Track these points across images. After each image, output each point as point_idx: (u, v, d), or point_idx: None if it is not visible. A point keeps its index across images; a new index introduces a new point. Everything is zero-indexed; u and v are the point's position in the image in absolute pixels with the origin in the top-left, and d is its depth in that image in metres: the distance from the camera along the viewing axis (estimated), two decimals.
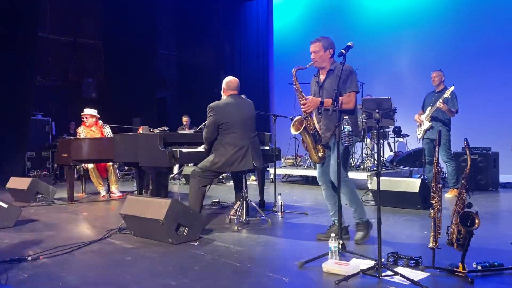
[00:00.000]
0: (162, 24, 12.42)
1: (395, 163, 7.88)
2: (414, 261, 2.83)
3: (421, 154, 6.61)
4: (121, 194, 6.57)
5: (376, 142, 6.76)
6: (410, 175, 7.44)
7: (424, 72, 7.42)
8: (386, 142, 8.18)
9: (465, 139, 2.87)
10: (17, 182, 6.28)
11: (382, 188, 3.18)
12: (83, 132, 6.68)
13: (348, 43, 3.27)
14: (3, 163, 8.56)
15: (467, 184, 2.75)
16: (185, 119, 9.61)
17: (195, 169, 4.30)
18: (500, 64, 8.19)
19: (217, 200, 5.71)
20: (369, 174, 6.65)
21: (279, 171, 8.20)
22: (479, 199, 5.81)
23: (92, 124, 6.77)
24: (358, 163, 7.69)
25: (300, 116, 3.54)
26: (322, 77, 3.67)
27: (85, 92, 11.11)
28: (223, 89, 4.45)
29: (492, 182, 6.69)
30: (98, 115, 6.89)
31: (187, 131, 7.59)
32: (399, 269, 2.72)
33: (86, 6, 11.49)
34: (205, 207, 5.36)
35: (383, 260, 2.73)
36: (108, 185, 6.70)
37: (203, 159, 4.34)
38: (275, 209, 5.01)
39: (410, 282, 2.53)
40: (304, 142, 3.62)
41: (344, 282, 2.57)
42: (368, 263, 2.80)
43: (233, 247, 3.52)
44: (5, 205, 4.41)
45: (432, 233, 2.80)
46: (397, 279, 2.60)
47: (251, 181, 8.17)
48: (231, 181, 5.46)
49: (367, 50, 9.18)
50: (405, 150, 8.87)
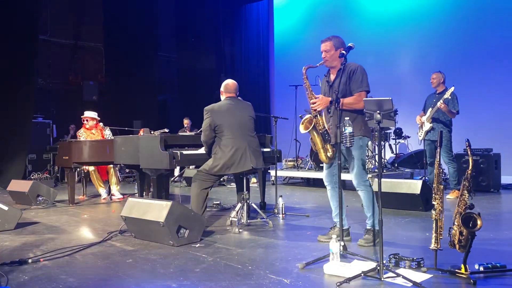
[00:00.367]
0: (163, 27, 12.44)
1: (396, 165, 7.87)
2: (416, 262, 2.82)
3: (422, 156, 6.60)
4: (122, 197, 6.57)
5: (377, 143, 6.75)
6: (411, 176, 7.44)
7: (425, 73, 7.42)
8: (387, 144, 8.18)
9: (467, 140, 2.86)
10: (18, 185, 6.29)
11: (383, 189, 3.16)
12: (84, 135, 6.69)
13: (349, 44, 3.29)
14: (4, 166, 8.57)
15: (469, 185, 2.74)
16: (186, 122, 9.60)
17: (196, 173, 4.31)
18: (501, 66, 8.20)
19: (218, 202, 5.71)
20: (370, 175, 6.62)
21: (280, 173, 8.19)
22: (481, 200, 5.80)
23: (93, 127, 6.80)
24: None
25: (310, 115, 3.47)
26: (332, 76, 3.62)
27: (86, 94, 11.15)
28: (221, 92, 4.46)
29: (494, 183, 6.67)
30: (98, 118, 6.91)
31: (187, 133, 7.58)
32: (401, 271, 2.71)
33: (87, 9, 11.53)
34: (206, 209, 5.35)
35: (384, 261, 2.72)
36: (109, 187, 6.70)
37: (204, 161, 4.35)
38: (276, 211, 5.01)
39: (412, 284, 2.52)
40: (312, 141, 3.54)
41: (345, 284, 2.56)
42: (369, 265, 2.79)
43: (234, 249, 3.52)
44: (5, 208, 4.41)
45: (434, 234, 2.79)
46: (399, 280, 2.58)
47: (252, 183, 8.14)
48: (233, 183, 5.45)
49: (368, 52, 9.18)
50: (406, 152, 8.87)
